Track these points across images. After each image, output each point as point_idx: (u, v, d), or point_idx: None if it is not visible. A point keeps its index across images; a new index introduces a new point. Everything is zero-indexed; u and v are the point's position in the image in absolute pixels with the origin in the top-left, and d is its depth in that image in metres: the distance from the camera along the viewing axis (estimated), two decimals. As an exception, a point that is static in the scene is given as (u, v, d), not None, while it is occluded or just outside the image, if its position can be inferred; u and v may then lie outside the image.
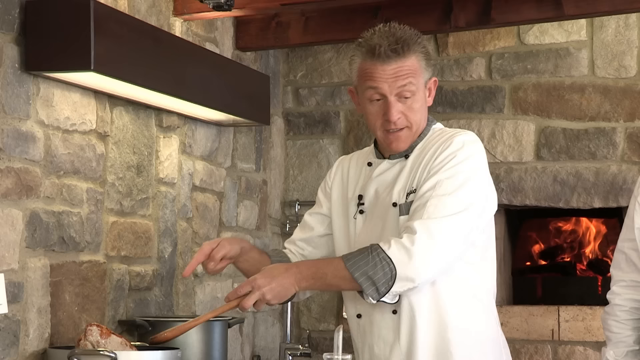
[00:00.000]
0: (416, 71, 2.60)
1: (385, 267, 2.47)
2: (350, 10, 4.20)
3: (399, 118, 2.60)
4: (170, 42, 3.50)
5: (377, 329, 2.64)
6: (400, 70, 2.58)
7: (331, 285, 2.61)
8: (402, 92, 2.59)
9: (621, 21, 4.48)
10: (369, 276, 2.48)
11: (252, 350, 4.49)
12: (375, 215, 2.66)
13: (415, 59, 2.60)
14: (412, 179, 2.61)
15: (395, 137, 2.63)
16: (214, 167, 4.14)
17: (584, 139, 4.52)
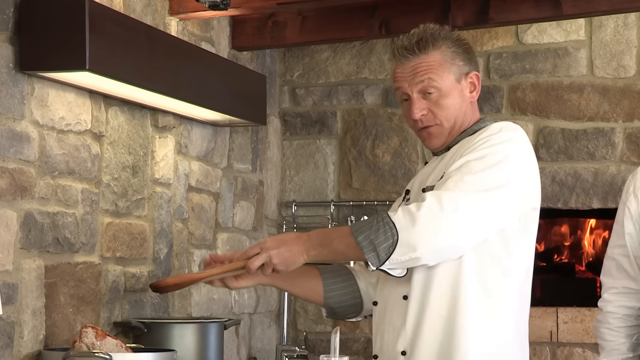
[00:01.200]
0: (438, 66, 2.59)
1: (388, 232, 2.40)
2: (348, 9, 4.21)
3: (423, 115, 2.59)
4: (165, 41, 3.50)
5: (389, 315, 2.60)
6: (419, 66, 2.58)
7: (338, 253, 2.51)
8: (424, 89, 2.59)
9: (620, 21, 4.48)
10: (371, 240, 2.41)
11: (248, 352, 4.49)
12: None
13: (438, 54, 2.59)
14: (446, 167, 2.57)
15: (426, 134, 2.63)
16: (210, 167, 4.14)
17: (582, 139, 4.53)
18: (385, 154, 4.72)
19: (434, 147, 2.66)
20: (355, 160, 4.79)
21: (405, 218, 2.41)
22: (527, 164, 2.55)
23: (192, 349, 3.39)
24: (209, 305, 4.06)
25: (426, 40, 2.59)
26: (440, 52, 2.60)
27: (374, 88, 4.81)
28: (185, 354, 3.35)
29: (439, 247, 2.44)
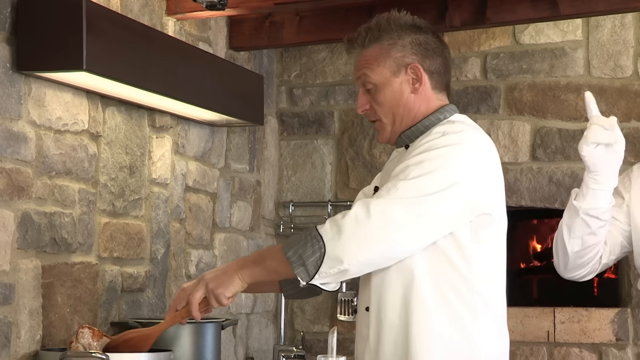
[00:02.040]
0: (374, 61, 2.54)
1: (315, 245, 2.35)
2: (345, 9, 4.20)
3: (365, 110, 2.59)
4: (163, 41, 3.50)
5: (359, 325, 2.59)
6: (359, 61, 2.58)
7: (270, 270, 2.45)
8: (362, 83, 2.58)
9: (617, 21, 4.48)
10: (300, 255, 2.35)
11: (245, 352, 4.49)
12: None
13: (377, 48, 2.55)
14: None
15: (375, 127, 2.63)
16: (207, 167, 4.14)
17: (579, 139, 4.50)
18: (383, 154, 4.72)
19: (383, 141, 2.64)
20: (352, 160, 4.79)
21: (332, 229, 2.35)
22: (473, 168, 2.43)
23: (189, 349, 3.38)
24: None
25: (369, 32, 2.55)
26: (379, 45, 2.54)
27: (371, 88, 4.81)
28: (182, 354, 3.34)
29: (367, 258, 2.36)
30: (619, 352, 4.39)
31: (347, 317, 4.51)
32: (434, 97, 2.59)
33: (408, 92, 2.56)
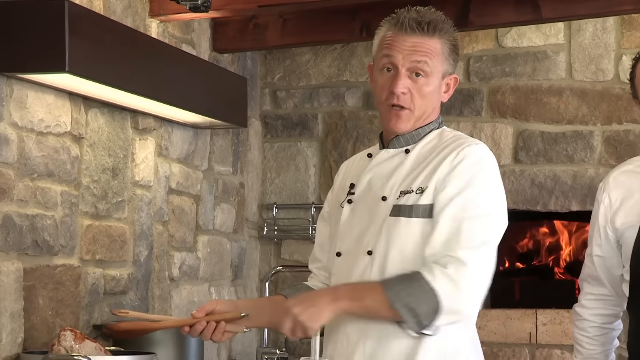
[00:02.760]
0: (437, 54, 2.50)
1: (430, 300, 2.35)
2: (329, 12, 4.19)
3: (403, 93, 2.49)
4: (146, 43, 3.47)
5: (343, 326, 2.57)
6: (420, 45, 2.48)
7: (370, 310, 2.41)
8: (414, 68, 2.49)
9: (599, 25, 4.49)
10: (411, 308, 2.36)
11: (228, 354, 4.47)
12: (364, 207, 2.57)
13: (439, 43, 2.50)
14: (411, 178, 2.50)
15: (395, 114, 2.51)
16: (190, 169, 4.11)
17: (561, 142, 4.53)
18: (366, 157, 4.71)
19: (398, 131, 2.54)
20: (336, 163, 4.77)
21: (448, 285, 2.35)
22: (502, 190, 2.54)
23: (172, 352, 3.36)
24: (190, 308, 4.03)
25: (435, 25, 2.49)
26: (442, 42, 2.51)
27: (355, 90, 4.79)
28: (165, 356, 3.32)
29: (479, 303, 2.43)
30: (600, 353, 4.39)
31: (330, 319, 4.50)
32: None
33: (439, 96, 2.57)
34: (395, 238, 2.47)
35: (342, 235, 2.57)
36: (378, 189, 2.55)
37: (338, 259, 2.57)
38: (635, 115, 4.43)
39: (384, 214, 2.50)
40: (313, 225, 4.68)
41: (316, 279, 2.76)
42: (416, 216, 2.47)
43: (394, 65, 2.50)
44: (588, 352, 3.00)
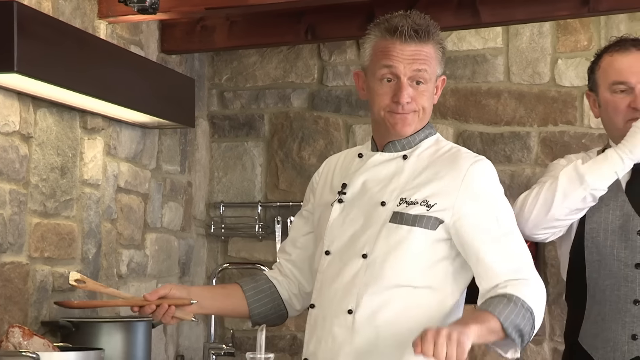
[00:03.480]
0: (432, 60, 2.52)
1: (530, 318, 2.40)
2: (275, 15, 4.19)
3: (408, 102, 2.50)
4: (94, 44, 3.45)
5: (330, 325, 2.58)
6: (419, 54, 2.49)
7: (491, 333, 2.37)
8: (415, 76, 2.49)
9: (535, 29, 4.54)
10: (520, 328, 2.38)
11: (176, 350, 4.45)
12: (357, 208, 2.56)
13: (433, 48, 2.52)
14: (413, 187, 2.50)
15: (401, 117, 2.51)
16: (138, 168, 4.09)
17: (499, 142, 4.58)
18: (312, 156, 4.72)
19: (403, 134, 2.54)
20: (282, 162, 4.77)
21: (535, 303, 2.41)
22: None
23: (119, 348, 3.34)
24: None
25: (429, 30, 2.50)
26: (435, 47, 2.53)
27: (301, 92, 4.80)
28: (113, 352, 3.30)
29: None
30: (536, 347, 4.44)
31: (276, 314, 4.50)
32: None
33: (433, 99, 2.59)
34: (395, 245, 2.47)
35: (332, 234, 2.56)
36: (375, 193, 2.54)
37: (327, 258, 2.56)
38: (570, 117, 4.50)
39: (382, 219, 2.49)
40: (259, 223, 4.68)
41: (278, 271, 2.77)
42: (419, 226, 2.47)
43: (396, 76, 2.50)
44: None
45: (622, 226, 2.80)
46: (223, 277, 4.66)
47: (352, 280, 2.49)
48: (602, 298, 2.80)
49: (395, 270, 2.47)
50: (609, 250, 2.79)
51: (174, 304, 2.54)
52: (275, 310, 2.75)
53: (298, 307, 2.78)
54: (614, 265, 2.79)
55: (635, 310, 2.74)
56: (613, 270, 2.79)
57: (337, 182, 2.65)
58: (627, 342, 2.74)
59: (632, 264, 2.76)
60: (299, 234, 2.76)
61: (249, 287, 2.73)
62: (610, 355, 2.76)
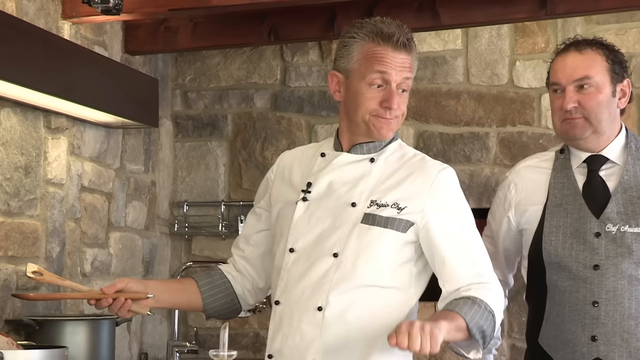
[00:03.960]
0: (413, 69, 2.60)
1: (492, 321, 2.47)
2: (238, 16, 4.19)
3: (397, 108, 2.56)
4: (58, 44, 3.43)
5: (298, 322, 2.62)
6: (407, 62, 2.56)
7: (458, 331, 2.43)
8: (402, 84, 2.56)
9: (494, 31, 4.57)
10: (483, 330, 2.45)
11: (139, 347, 4.43)
12: (324, 208, 2.58)
13: (414, 58, 2.61)
14: (383, 190, 2.55)
15: (387, 122, 2.56)
16: (102, 168, 4.07)
17: (459, 143, 4.60)
18: (274, 156, 4.71)
19: (387, 138, 2.60)
20: (245, 162, 4.77)
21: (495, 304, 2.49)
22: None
23: (84, 346, 3.33)
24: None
25: (412, 41, 2.59)
26: (414, 56, 2.61)
27: (264, 92, 4.80)
28: (77, 350, 3.28)
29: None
30: (495, 343, 4.47)
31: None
32: None
33: None
34: (367, 245, 2.51)
35: (297, 232, 2.58)
36: (344, 194, 2.57)
37: (291, 255, 2.58)
38: (528, 118, 4.54)
39: (353, 219, 2.53)
40: (223, 222, 4.67)
41: (232, 267, 2.79)
42: (391, 228, 2.52)
43: (387, 82, 2.54)
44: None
45: (579, 229, 2.81)
46: (187, 276, 4.64)
47: (322, 278, 2.52)
48: (562, 300, 2.82)
49: (366, 270, 2.51)
50: (568, 253, 2.81)
51: (131, 297, 2.56)
52: (229, 304, 2.78)
53: (251, 302, 2.82)
54: (572, 267, 2.80)
55: (594, 312, 2.75)
56: (572, 272, 2.80)
57: (297, 179, 2.68)
58: (587, 344, 2.75)
59: (591, 265, 2.77)
60: (252, 231, 2.78)
61: (204, 282, 2.75)
62: (570, 356, 2.77)
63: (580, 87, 2.80)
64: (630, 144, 2.85)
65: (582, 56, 2.83)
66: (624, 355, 2.71)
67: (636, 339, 2.71)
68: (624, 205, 2.78)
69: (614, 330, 2.72)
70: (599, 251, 2.76)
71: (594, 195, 2.83)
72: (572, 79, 2.81)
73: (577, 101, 2.81)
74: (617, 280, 2.74)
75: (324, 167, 2.63)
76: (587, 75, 2.80)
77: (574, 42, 2.89)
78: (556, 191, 2.88)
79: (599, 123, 2.81)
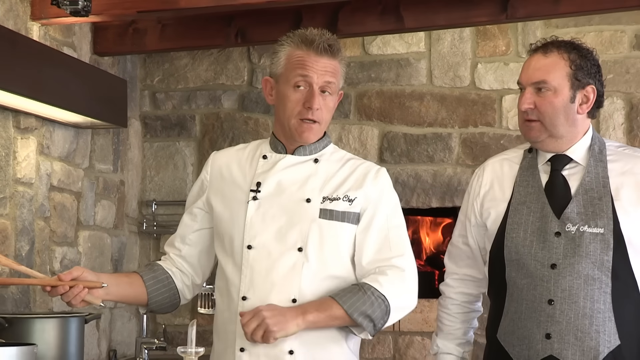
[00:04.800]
0: (338, 75, 2.69)
1: (381, 305, 2.59)
2: (205, 18, 4.19)
3: (318, 109, 2.65)
4: (27, 45, 3.41)
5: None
6: (329, 66, 2.66)
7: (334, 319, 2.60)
8: (325, 87, 2.66)
9: (456, 35, 4.60)
10: (367, 315, 2.58)
11: (108, 345, 4.41)
12: (278, 206, 2.67)
13: (339, 64, 2.70)
14: (332, 186, 2.69)
15: (308, 127, 2.67)
16: (71, 167, 4.05)
17: (422, 143, 4.62)
18: (241, 156, 4.71)
19: (307, 142, 2.71)
20: (213, 162, 4.76)
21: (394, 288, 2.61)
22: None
23: (53, 343, 3.30)
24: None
25: (338, 48, 2.69)
26: (341, 63, 2.71)
27: (231, 93, 4.80)
28: (46, 347, 3.26)
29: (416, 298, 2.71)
30: (457, 338, 4.49)
31: (207, 310, 4.50)
32: None
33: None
34: (328, 238, 2.65)
35: (253, 230, 2.66)
36: (295, 192, 2.68)
37: (250, 252, 2.65)
38: (489, 119, 4.57)
39: (310, 215, 2.65)
40: (191, 221, 4.66)
41: (170, 262, 2.83)
42: (347, 221, 2.67)
43: (309, 84, 2.66)
44: (448, 329, 3.07)
45: (540, 227, 2.82)
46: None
47: (291, 271, 2.62)
48: (520, 296, 2.82)
49: (331, 262, 2.65)
50: (527, 250, 2.81)
51: (86, 286, 2.59)
52: (171, 299, 2.84)
53: (188, 297, 2.90)
54: (531, 265, 2.80)
55: (549, 310, 2.76)
56: (530, 269, 2.81)
57: (241, 179, 2.76)
58: (542, 341, 2.76)
59: (548, 264, 2.78)
60: (189, 230, 2.86)
61: (149, 277, 2.80)
62: (525, 352, 2.78)
63: (539, 89, 2.81)
64: (594, 146, 2.86)
65: (545, 59, 2.82)
66: (577, 354, 2.72)
67: (589, 338, 2.72)
68: (584, 206, 2.79)
69: (568, 329, 2.73)
70: (557, 250, 2.77)
71: (555, 195, 2.84)
72: (530, 80, 2.83)
73: (533, 103, 2.82)
74: (573, 280, 2.75)
75: (270, 168, 2.73)
76: (544, 79, 2.80)
77: (545, 43, 2.87)
78: (521, 189, 2.89)
79: (554, 127, 2.81)
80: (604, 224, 2.75)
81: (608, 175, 2.82)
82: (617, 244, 2.74)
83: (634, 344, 2.75)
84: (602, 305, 2.73)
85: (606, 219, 2.76)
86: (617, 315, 2.73)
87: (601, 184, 2.81)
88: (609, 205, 2.77)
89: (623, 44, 4.51)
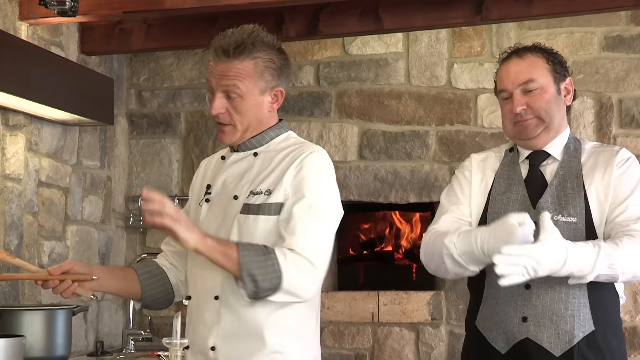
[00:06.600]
0: (247, 75, 2.57)
1: (274, 279, 2.44)
2: (190, 19, 4.17)
3: (221, 113, 2.58)
4: (15, 45, 3.38)
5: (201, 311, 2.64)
6: (229, 70, 2.56)
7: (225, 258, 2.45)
8: (226, 90, 2.57)
9: (433, 36, 4.60)
10: (255, 279, 2.44)
11: (96, 336, 4.39)
12: (218, 205, 2.64)
13: (251, 64, 2.56)
14: (259, 180, 2.59)
15: (220, 129, 2.63)
16: (59, 164, 4.02)
17: (401, 140, 4.63)
18: (225, 153, 4.70)
19: (227, 142, 2.66)
20: (197, 159, 4.75)
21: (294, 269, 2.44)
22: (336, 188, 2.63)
23: (41, 335, 3.29)
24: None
25: (244, 47, 2.56)
26: (254, 63, 2.58)
27: (215, 92, 4.78)
28: (34, 339, 3.24)
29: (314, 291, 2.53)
30: (434, 330, 4.51)
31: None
32: (276, 113, 2.71)
33: (267, 109, 2.64)
34: (245, 233, 2.55)
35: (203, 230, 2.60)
36: (231, 189, 2.63)
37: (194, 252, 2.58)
38: (465, 117, 4.57)
39: (234, 211, 2.58)
40: (176, 215, 4.63)
41: (164, 258, 2.82)
42: (263, 214, 2.55)
43: (212, 89, 2.60)
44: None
45: None
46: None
47: (215, 269, 2.55)
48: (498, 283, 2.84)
49: None
50: None
51: (76, 279, 2.55)
52: (164, 294, 2.80)
53: (183, 293, 2.85)
54: None
55: (526, 294, 2.78)
56: None
57: (207, 181, 2.75)
58: (518, 324, 2.78)
59: None
60: None
61: (143, 272, 2.77)
62: (502, 336, 2.80)
63: (527, 90, 2.84)
64: (570, 144, 2.91)
65: (523, 61, 2.87)
66: (553, 337, 2.74)
67: (565, 322, 2.74)
68: (557, 197, 2.82)
69: (544, 312, 2.75)
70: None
71: (532, 187, 2.87)
72: (517, 83, 2.85)
73: (525, 104, 2.84)
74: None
75: (220, 168, 2.71)
76: (530, 78, 2.84)
77: (515, 49, 2.93)
78: (501, 180, 2.91)
79: (551, 120, 2.86)
80: (577, 213, 2.78)
81: (581, 168, 2.84)
82: (589, 233, 2.76)
83: (609, 330, 2.77)
84: (578, 291, 2.74)
85: (579, 208, 2.78)
86: (592, 302, 2.75)
87: (574, 175, 2.84)
88: (581, 196, 2.80)
89: (593, 45, 4.53)
